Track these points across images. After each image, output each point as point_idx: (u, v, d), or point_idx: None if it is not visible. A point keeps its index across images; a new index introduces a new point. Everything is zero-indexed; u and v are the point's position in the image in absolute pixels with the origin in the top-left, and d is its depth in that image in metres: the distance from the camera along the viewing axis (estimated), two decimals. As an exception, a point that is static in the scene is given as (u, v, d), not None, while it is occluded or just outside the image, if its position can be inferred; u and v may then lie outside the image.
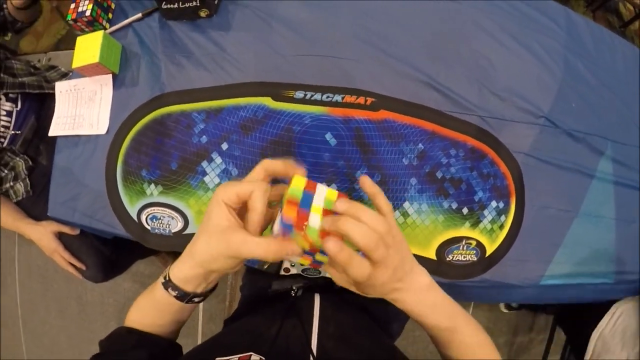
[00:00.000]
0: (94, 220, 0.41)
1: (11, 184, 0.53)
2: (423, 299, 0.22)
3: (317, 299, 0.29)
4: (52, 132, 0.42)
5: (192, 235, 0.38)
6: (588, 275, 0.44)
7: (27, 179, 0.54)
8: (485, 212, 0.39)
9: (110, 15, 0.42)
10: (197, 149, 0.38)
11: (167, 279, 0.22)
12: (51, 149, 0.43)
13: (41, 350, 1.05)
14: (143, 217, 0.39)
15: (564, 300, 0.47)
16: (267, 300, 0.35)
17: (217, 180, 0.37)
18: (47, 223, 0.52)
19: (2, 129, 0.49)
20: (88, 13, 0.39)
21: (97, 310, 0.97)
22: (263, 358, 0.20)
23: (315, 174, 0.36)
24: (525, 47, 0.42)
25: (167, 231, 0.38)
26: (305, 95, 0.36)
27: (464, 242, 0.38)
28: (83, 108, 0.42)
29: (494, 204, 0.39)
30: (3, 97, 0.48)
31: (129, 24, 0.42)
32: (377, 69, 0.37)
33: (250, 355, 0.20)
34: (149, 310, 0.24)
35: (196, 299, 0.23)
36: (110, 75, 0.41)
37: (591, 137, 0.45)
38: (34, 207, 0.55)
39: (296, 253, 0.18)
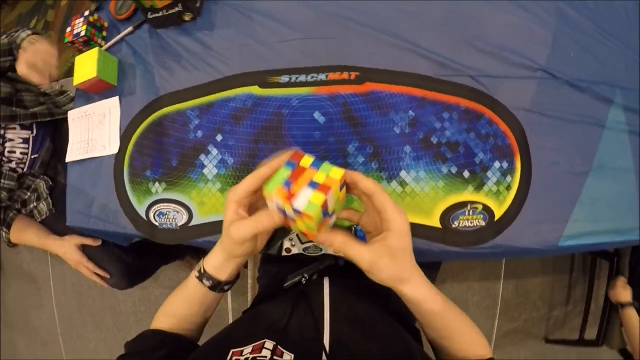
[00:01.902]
0: (108, 223, 0.43)
1: (35, 204, 0.57)
2: (422, 286, 0.22)
3: (326, 283, 0.29)
4: (68, 159, 0.46)
5: (196, 226, 0.40)
6: (611, 233, 0.40)
7: (49, 198, 0.58)
8: (489, 173, 0.37)
9: (104, 33, 0.46)
10: (194, 143, 0.39)
11: (202, 271, 0.25)
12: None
13: None
14: (151, 215, 0.41)
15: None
16: (280, 289, 0.36)
17: (215, 171, 0.39)
18: (70, 237, 0.55)
19: (21, 156, 0.53)
20: (83, 34, 0.43)
21: (131, 320, 1.01)
22: (276, 344, 0.21)
23: (308, 153, 0.36)
24: (512, 0, 0.41)
25: (174, 225, 0.40)
26: (290, 78, 0.37)
27: (469, 207, 0.36)
28: (95, 132, 0.45)
29: (497, 164, 0.37)
30: (18, 127, 0.53)
31: (122, 39, 0.45)
32: (359, 43, 0.37)
33: (264, 342, 0.21)
34: (181, 304, 0.27)
35: (226, 287, 0.26)
36: (117, 99, 0.44)
37: (597, 85, 0.42)
38: (57, 223, 0.59)
39: (277, 218, 0.20)
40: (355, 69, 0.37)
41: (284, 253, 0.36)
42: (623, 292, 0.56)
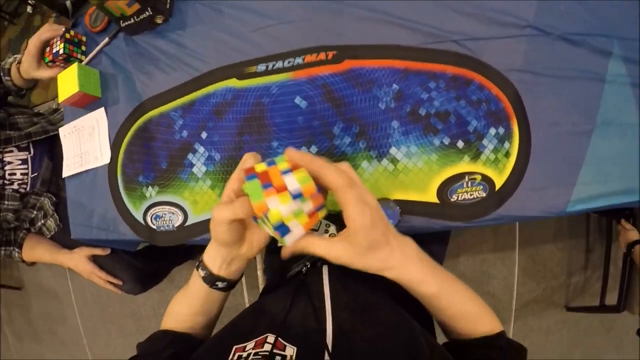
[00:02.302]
0: (109, 232, 0.44)
1: (42, 221, 0.59)
2: (407, 267, 0.21)
3: (325, 271, 0.28)
4: (65, 174, 0.47)
5: (192, 225, 0.40)
6: (622, 194, 0.38)
7: (55, 214, 0.60)
8: (485, 141, 0.35)
9: (83, 48, 0.46)
10: (180, 144, 0.39)
11: (200, 260, 0.25)
12: None
13: None
14: (148, 219, 0.41)
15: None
16: (284, 279, 0.35)
17: (204, 168, 0.38)
18: (80, 249, 0.57)
19: (22, 177, 0.55)
20: (61, 52, 0.43)
21: (152, 323, 1.03)
22: (277, 337, 0.20)
23: (293, 140, 0.35)
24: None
25: (171, 226, 0.40)
26: (267, 66, 0.36)
27: (466, 179, 0.35)
28: (86, 145, 0.46)
29: (492, 131, 0.35)
30: (15, 149, 0.54)
31: (100, 50, 0.45)
32: (332, 21, 0.36)
33: (267, 336, 0.21)
34: (184, 302, 0.27)
35: (219, 284, 0.25)
36: (103, 110, 0.44)
37: (592, 37, 0.39)
38: (66, 237, 0.60)
39: (246, 208, 0.19)
40: (332, 48, 0.35)
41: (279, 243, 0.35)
42: (631, 233, 0.58)
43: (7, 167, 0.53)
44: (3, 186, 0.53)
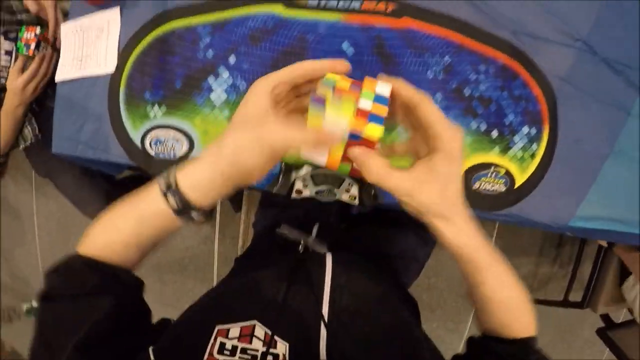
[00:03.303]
0: (98, 150, 0.39)
1: (17, 127, 0.51)
2: (468, 229, 0.18)
3: (329, 261, 0.26)
4: (58, 77, 0.41)
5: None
6: (617, 222, 0.40)
7: (34, 122, 0.52)
8: (516, 137, 0.35)
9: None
10: (202, 64, 0.35)
11: (174, 186, 0.18)
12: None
13: None
14: (147, 142, 0.37)
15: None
16: (274, 244, 0.33)
17: (224, 96, 0.35)
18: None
19: (3, 68, 0.47)
20: (34, 46, 0.41)
21: None
22: (269, 331, 0.18)
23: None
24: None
25: (172, 155, 0.36)
26: (320, 1, 0.33)
27: (492, 169, 0.35)
28: (90, 48, 0.40)
29: (525, 129, 0.35)
30: (1, 37, 0.46)
31: (130, -60, 0.39)
32: (399, -27, 0.34)
33: (254, 324, 0.18)
34: (129, 227, 0.19)
35: (194, 214, 0.18)
36: (118, 9, 0.38)
37: (631, 70, 0.40)
38: (44, 151, 0.54)
39: (335, 140, 0.16)
40: (394, 0, 0.33)
41: (293, 195, 0.33)
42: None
43: None
44: None
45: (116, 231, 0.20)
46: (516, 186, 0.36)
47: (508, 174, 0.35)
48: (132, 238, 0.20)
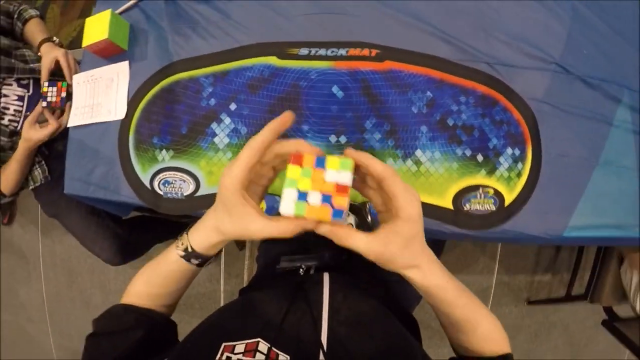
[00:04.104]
0: (109, 191, 0.42)
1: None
2: (432, 271, 0.21)
3: (326, 279, 0.27)
4: (71, 123, 0.44)
5: (203, 197, 0.39)
6: (613, 228, 0.41)
7: (44, 165, 0.56)
8: (501, 159, 0.37)
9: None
10: (206, 111, 0.38)
11: (191, 250, 0.22)
12: (67, 134, 0.45)
13: (67, 342, 1.06)
14: (155, 183, 0.40)
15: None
16: (276, 275, 0.34)
17: (226, 140, 0.38)
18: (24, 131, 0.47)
19: (15, 113, 0.51)
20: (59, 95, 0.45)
21: (119, 299, 0.97)
22: (271, 346, 0.19)
23: (324, 127, 0.35)
24: (531, -5, 0.41)
25: (180, 194, 0.39)
26: (310, 51, 0.37)
27: (480, 190, 0.36)
28: (101, 97, 0.44)
29: (509, 150, 0.38)
30: (15, 84, 0.51)
31: (136, 4, 0.44)
32: (380, 22, 0.37)
33: (258, 342, 0.20)
34: (157, 281, 0.24)
35: (195, 260, 0.23)
36: (127, 63, 0.43)
37: (607, 83, 0.43)
38: (53, 192, 0.57)
39: (309, 227, 0.18)
40: (376, 46, 0.36)
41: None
42: None
43: (2, 99, 0.49)
44: None
45: (148, 285, 0.25)
46: (506, 204, 0.37)
47: (497, 193, 0.37)
48: (160, 289, 0.25)
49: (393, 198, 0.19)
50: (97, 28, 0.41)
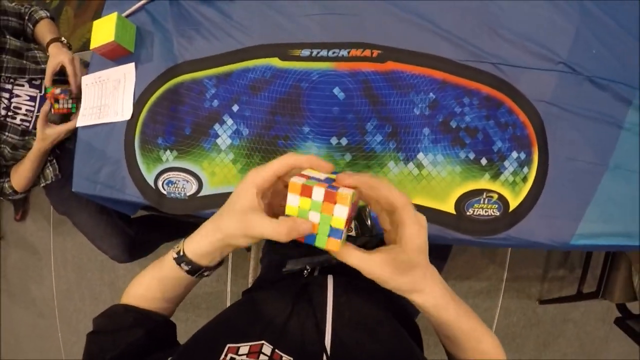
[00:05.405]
0: (115, 190, 0.43)
1: (39, 168, 0.56)
2: (434, 293, 0.20)
3: (330, 282, 0.27)
4: (79, 124, 0.46)
5: (206, 197, 0.39)
6: (621, 236, 0.40)
7: (56, 163, 0.57)
8: (506, 163, 0.36)
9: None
10: (209, 112, 0.39)
11: (182, 254, 0.22)
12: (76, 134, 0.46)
13: (75, 338, 1.09)
14: (160, 183, 0.40)
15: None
16: (281, 276, 0.35)
17: (228, 141, 0.38)
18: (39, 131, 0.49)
19: (27, 113, 0.52)
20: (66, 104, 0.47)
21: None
22: (274, 348, 0.20)
23: (325, 128, 0.35)
24: (538, -7, 0.40)
25: (182, 194, 0.39)
26: (312, 52, 0.37)
27: (484, 195, 0.36)
28: (108, 98, 0.45)
29: (514, 154, 0.37)
30: (26, 84, 0.52)
31: (142, 6, 0.45)
32: (382, 21, 0.37)
33: (262, 344, 0.20)
34: (154, 285, 0.25)
35: (206, 273, 0.24)
36: (133, 65, 0.44)
37: (616, 84, 0.41)
38: (63, 190, 0.58)
39: (307, 231, 0.18)
40: (378, 47, 0.36)
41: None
42: None
43: (14, 99, 0.51)
44: (6, 117, 0.50)
45: (146, 288, 0.25)
46: (511, 210, 0.36)
47: (501, 198, 0.36)
48: (157, 293, 0.25)
49: (401, 225, 0.19)
50: (104, 31, 0.42)
